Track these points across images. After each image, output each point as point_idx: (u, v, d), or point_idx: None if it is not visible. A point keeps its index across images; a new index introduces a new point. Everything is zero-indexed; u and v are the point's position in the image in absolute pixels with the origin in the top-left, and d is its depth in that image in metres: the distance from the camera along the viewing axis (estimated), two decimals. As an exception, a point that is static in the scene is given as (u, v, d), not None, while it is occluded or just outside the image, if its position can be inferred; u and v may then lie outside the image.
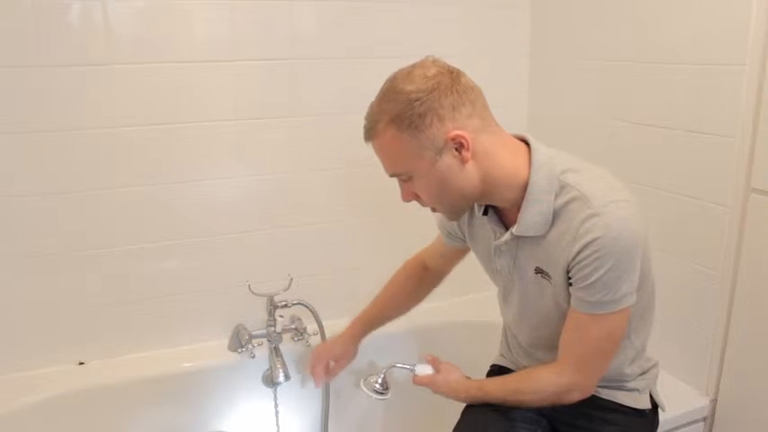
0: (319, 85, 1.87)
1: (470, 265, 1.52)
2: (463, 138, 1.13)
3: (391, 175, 1.22)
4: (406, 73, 1.15)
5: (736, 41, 1.45)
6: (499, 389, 1.32)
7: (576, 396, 1.24)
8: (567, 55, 1.99)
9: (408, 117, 1.12)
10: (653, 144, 1.69)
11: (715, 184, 1.54)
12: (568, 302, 1.22)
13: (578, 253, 1.14)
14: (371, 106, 1.18)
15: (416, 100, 1.11)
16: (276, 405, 1.92)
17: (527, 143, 1.22)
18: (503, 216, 1.29)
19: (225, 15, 1.73)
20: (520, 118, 2.16)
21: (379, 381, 1.47)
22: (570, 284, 1.19)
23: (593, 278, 1.13)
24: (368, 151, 1.92)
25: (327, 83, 1.88)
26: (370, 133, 1.18)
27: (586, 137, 1.91)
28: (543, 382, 1.26)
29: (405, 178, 1.20)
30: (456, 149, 1.14)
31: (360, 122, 1.21)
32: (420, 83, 1.12)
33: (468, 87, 1.15)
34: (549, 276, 1.22)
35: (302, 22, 1.82)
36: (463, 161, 1.15)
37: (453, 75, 1.15)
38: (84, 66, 1.64)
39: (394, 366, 1.46)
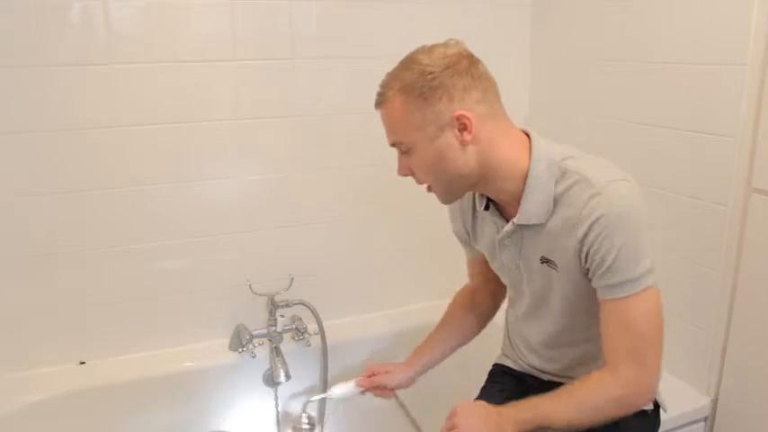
0: (319, 85, 1.87)
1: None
2: (467, 119, 1.15)
3: (392, 144, 1.23)
4: (428, 48, 1.19)
5: (737, 41, 1.44)
6: (563, 409, 1.18)
7: (643, 397, 1.19)
8: (567, 55, 1.99)
9: (419, 88, 1.15)
10: (654, 144, 1.69)
11: (716, 183, 1.54)
12: (575, 293, 1.22)
13: (586, 235, 1.14)
14: (387, 74, 1.20)
15: (430, 73, 1.14)
16: (277, 405, 1.92)
17: (529, 137, 1.24)
18: (504, 211, 1.29)
19: (225, 15, 1.73)
20: (520, 117, 2.15)
21: (305, 419, 1.49)
22: (590, 279, 1.18)
23: (609, 260, 1.13)
24: (369, 151, 1.92)
25: (328, 83, 1.88)
26: (381, 99, 1.20)
27: (588, 137, 1.91)
28: (601, 388, 1.18)
29: (404, 149, 1.21)
30: (459, 130, 1.16)
31: (361, 122, 1.22)
32: (438, 59, 1.15)
33: (484, 75, 1.19)
34: (556, 265, 1.22)
35: (302, 22, 1.82)
36: (463, 143, 1.17)
37: (472, 60, 1.19)
38: (85, 65, 1.64)
39: (310, 401, 1.50)
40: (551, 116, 2.09)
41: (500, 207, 1.30)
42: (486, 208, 1.31)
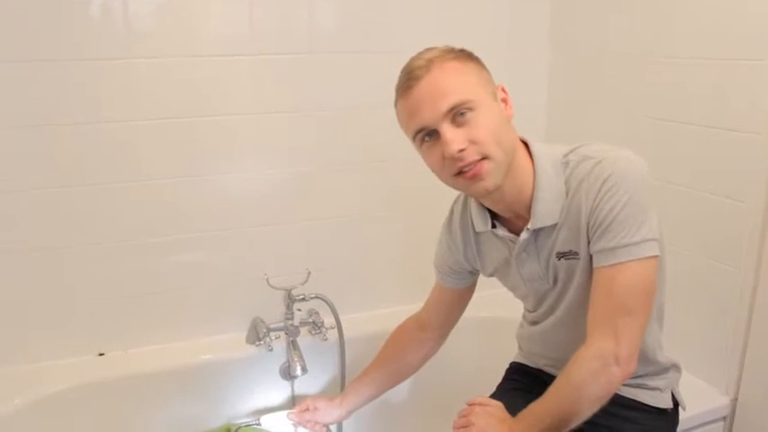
0: (337, 80, 1.87)
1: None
2: (506, 93, 1.17)
3: (451, 108, 1.09)
4: None
5: (758, 36, 1.42)
6: (556, 399, 1.15)
7: (616, 372, 1.09)
8: (587, 49, 1.97)
9: (465, 55, 1.15)
10: (675, 140, 1.67)
11: (738, 180, 1.52)
12: (590, 281, 1.18)
13: (594, 198, 1.13)
14: (415, 57, 1.14)
15: (462, 49, 1.16)
16: (293, 398, 1.93)
17: (525, 143, 1.23)
18: (512, 225, 1.26)
19: (243, 9, 1.73)
20: (539, 114, 2.15)
21: None
22: (589, 244, 1.16)
23: (609, 218, 1.11)
24: (387, 146, 1.90)
25: (345, 77, 1.88)
26: (428, 66, 1.10)
27: (607, 133, 1.89)
28: (578, 366, 1.12)
29: (466, 109, 1.09)
30: (503, 101, 1.17)
31: (378, 117, 1.21)
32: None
33: None
34: (575, 253, 1.20)
35: (320, 17, 1.82)
36: (508, 116, 1.17)
37: None
38: (103, 60, 1.64)
39: (239, 427, 1.55)
40: (570, 112, 2.07)
41: (506, 222, 1.27)
42: (493, 226, 1.28)
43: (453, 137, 1.09)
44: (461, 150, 1.09)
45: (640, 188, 1.12)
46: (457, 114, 1.10)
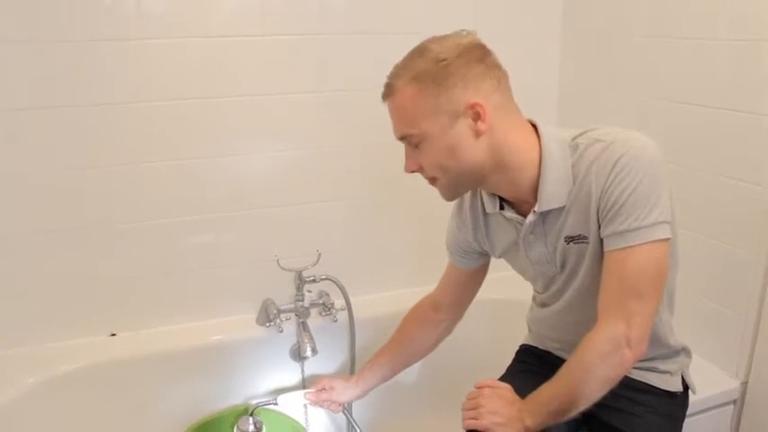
0: (349, 61, 1.86)
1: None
2: (481, 107, 1.12)
3: (400, 138, 1.19)
4: (440, 37, 1.16)
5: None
6: (566, 381, 1.15)
7: (628, 354, 1.11)
8: (600, 30, 1.95)
9: (432, 75, 1.12)
10: (689, 123, 1.66)
11: (753, 163, 1.51)
12: (600, 264, 1.18)
13: (605, 181, 1.12)
14: (396, 65, 1.17)
15: (443, 60, 1.11)
16: (303, 379, 1.94)
17: (535, 126, 1.22)
18: (519, 208, 1.26)
19: (255, -11, 1.73)
20: (550, 97, 2.13)
21: (250, 425, 1.57)
22: (600, 227, 1.15)
23: (621, 200, 1.10)
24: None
25: (357, 58, 1.86)
26: (389, 89, 1.17)
27: (620, 116, 1.88)
28: (589, 348, 1.13)
29: (414, 142, 1.17)
30: (472, 119, 1.14)
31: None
32: (450, 47, 1.13)
33: (497, 65, 1.17)
34: (584, 237, 1.19)
35: (332, -3, 1.81)
36: (477, 133, 1.14)
37: (485, 49, 1.16)
38: (116, 41, 1.64)
39: (257, 406, 1.57)
40: (582, 95, 2.05)
41: (514, 205, 1.27)
42: (501, 208, 1.28)
43: (408, 160, 1.22)
44: (414, 172, 1.21)
45: (652, 170, 1.11)
46: (409, 141, 1.19)
